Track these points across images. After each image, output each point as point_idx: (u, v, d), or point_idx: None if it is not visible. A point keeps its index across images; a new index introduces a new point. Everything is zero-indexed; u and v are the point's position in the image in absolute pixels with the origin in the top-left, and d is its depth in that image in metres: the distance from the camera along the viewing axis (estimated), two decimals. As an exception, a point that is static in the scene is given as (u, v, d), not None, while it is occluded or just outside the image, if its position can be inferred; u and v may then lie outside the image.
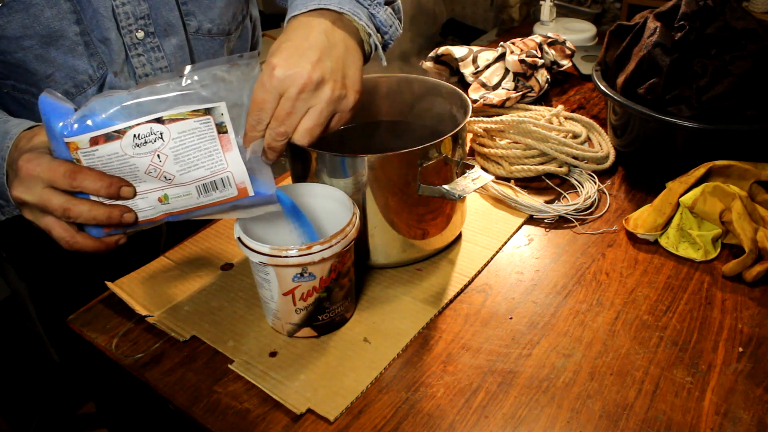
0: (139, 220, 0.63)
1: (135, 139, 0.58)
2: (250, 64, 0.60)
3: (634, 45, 0.89)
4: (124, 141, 0.58)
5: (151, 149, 0.59)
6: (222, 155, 0.61)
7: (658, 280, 0.75)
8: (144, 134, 0.58)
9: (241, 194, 0.63)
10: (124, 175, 0.60)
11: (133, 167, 0.59)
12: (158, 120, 0.58)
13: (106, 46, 0.74)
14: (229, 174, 0.62)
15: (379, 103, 0.88)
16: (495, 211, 0.88)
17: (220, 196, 0.63)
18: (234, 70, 0.60)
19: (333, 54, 0.61)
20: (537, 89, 1.11)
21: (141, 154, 0.59)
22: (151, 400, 0.67)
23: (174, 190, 0.62)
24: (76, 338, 0.73)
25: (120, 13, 0.74)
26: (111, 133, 0.58)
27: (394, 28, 0.77)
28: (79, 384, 1.67)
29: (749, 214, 0.76)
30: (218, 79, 0.59)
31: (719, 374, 0.63)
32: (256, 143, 0.61)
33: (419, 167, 0.69)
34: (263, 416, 0.61)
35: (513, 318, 0.71)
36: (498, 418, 0.60)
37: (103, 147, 0.58)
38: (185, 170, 0.60)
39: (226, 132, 0.60)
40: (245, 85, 0.60)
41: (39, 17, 0.69)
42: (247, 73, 0.60)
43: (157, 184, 0.61)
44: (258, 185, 0.63)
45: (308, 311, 0.66)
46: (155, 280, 0.79)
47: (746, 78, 0.80)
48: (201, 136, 0.60)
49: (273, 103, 0.60)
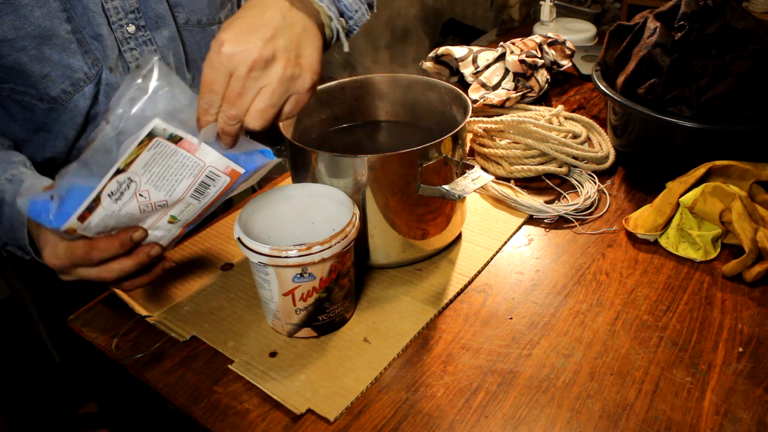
0: (165, 246, 0.66)
1: (111, 197, 0.59)
2: (146, 64, 0.57)
3: (634, 45, 0.89)
4: (104, 204, 0.59)
5: (130, 194, 0.59)
6: (193, 158, 0.59)
7: (658, 280, 0.75)
8: (115, 189, 0.59)
9: (233, 177, 0.62)
10: (127, 223, 0.62)
11: (128, 214, 0.61)
12: (118, 171, 0.58)
13: (99, 42, 0.74)
14: (211, 168, 0.60)
15: (379, 103, 0.88)
16: (495, 211, 0.88)
17: (216, 189, 0.62)
18: (144, 82, 0.57)
19: (288, 33, 0.58)
20: (537, 89, 1.11)
21: (126, 203, 0.60)
22: (151, 400, 0.67)
23: (175, 209, 0.63)
24: (76, 338, 0.73)
25: (110, 8, 0.73)
26: (89, 206, 0.59)
27: (360, 13, 0.75)
28: (79, 384, 1.67)
29: (749, 214, 0.76)
30: (136, 100, 0.56)
31: (719, 374, 0.63)
32: (211, 127, 0.58)
33: (419, 167, 0.69)
34: (263, 416, 0.61)
35: (513, 318, 0.71)
36: (498, 418, 0.60)
37: (92, 218, 0.60)
38: (171, 190, 0.61)
39: (181, 138, 0.58)
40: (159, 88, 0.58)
41: (29, 17, 0.69)
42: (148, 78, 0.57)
43: (157, 214, 0.63)
44: (244, 160, 0.62)
45: (308, 311, 0.66)
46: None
47: (746, 78, 0.80)
48: (164, 157, 0.58)
49: (222, 83, 0.56)
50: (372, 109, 0.88)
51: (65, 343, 1.06)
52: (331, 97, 0.85)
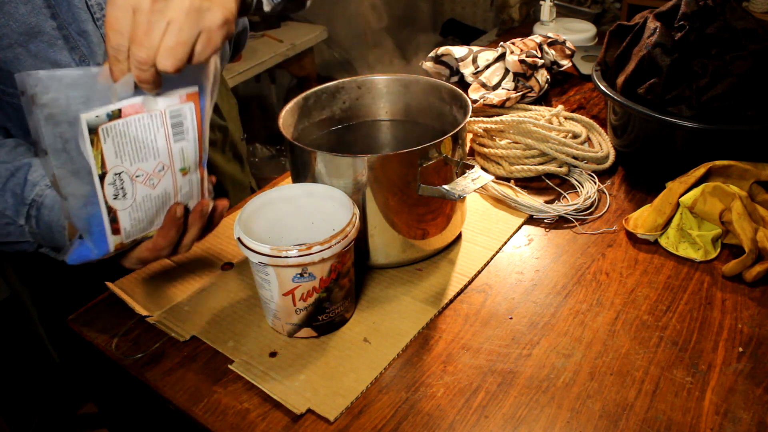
0: (205, 197, 0.67)
1: (118, 199, 0.59)
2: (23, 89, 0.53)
3: (634, 45, 0.89)
4: (118, 208, 0.60)
5: (130, 184, 0.59)
6: (145, 115, 0.57)
7: (658, 280, 0.75)
8: (114, 191, 0.59)
9: (194, 99, 0.60)
10: (155, 204, 0.63)
11: (147, 197, 0.61)
12: (100, 177, 0.57)
13: (85, 38, 0.74)
14: (168, 109, 0.59)
15: (379, 103, 0.88)
16: (495, 211, 0.88)
17: (190, 120, 0.61)
18: (35, 105, 0.53)
19: None
20: (537, 89, 1.11)
21: (134, 192, 0.60)
22: (151, 400, 0.67)
23: (176, 162, 0.62)
24: (76, 338, 0.73)
25: (93, 5, 0.73)
26: (110, 219, 0.60)
27: None
28: (79, 384, 1.67)
29: (749, 214, 0.76)
30: (46, 120, 0.53)
31: (719, 374, 0.63)
32: (127, 78, 0.54)
33: (419, 167, 0.69)
34: (263, 416, 0.61)
35: (513, 318, 0.71)
36: (498, 418, 0.60)
37: (122, 225, 0.61)
38: (156, 152, 0.60)
39: (119, 109, 0.56)
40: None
41: (14, 14, 0.69)
42: None
43: (169, 178, 0.62)
44: (189, 79, 0.60)
45: (308, 311, 0.66)
46: (155, 280, 0.79)
47: (746, 78, 0.80)
48: (122, 135, 0.57)
49: (127, 20, 0.52)
50: (372, 109, 0.88)
51: (65, 343, 1.06)
52: (331, 97, 0.85)
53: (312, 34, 2.32)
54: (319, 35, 2.34)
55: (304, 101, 0.82)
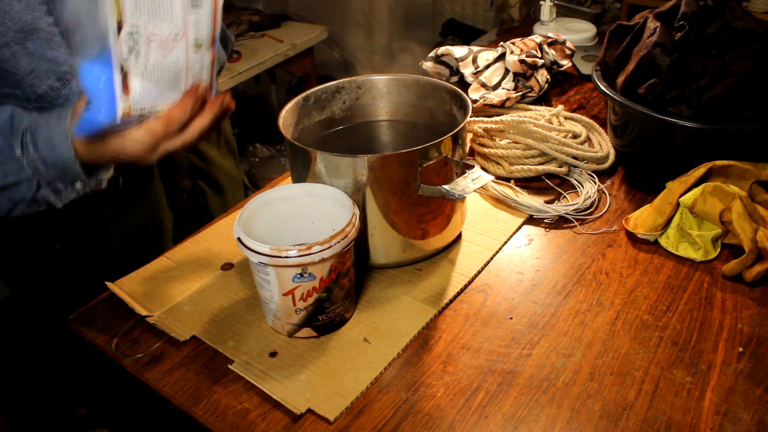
0: (211, 81, 0.66)
1: (131, 57, 0.57)
2: None
3: (634, 45, 0.89)
4: (131, 68, 0.58)
5: (145, 43, 0.58)
6: None
7: (658, 280, 0.75)
8: (129, 48, 0.57)
9: None
10: (166, 76, 0.61)
11: (157, 65, 0.60)
12: (118, 28, 0.56)
13: None
14: None
15: (379, 103, 0.88)
16: (495, 211, 0.88)
17: None
18: None
19: None
20: (537, 89, 1.11)
21: (147, 54, 0.58)
22: (151, 400, 0.67)
23: (190, 31, 0.61)
24: (76, 338, 0.73)
25: None
26: (121, 79, 0.58)
27: None
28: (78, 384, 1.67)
29: (749, 214, 0.76)
30: None
31: (719, 374, 0.63)
32: None
33: (419, 167, 0.69)
34: (263, 416, 0.61)
35: (513, 318, 0.71)
36: (498, 418, 0.60)
37: (132, 87, 0.59)
38: (172, 15, 0.59)
39: None
40: None
41: (9, 12, 0.68)
42: None
43: (182, 49, 0.61)
44: None
45: (308, 311, 0.66)
46: (155, 280, 0.79)
47: (746, 78, 0.80)
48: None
49: None
50: (372, 109, 0.88)
51: (65, 343, 1.06)
52: (331, 97, 0.85)
53: (312, 34, 2.32)
54: (319, 35, 2.34)
55: (304, 101, 0.82)
